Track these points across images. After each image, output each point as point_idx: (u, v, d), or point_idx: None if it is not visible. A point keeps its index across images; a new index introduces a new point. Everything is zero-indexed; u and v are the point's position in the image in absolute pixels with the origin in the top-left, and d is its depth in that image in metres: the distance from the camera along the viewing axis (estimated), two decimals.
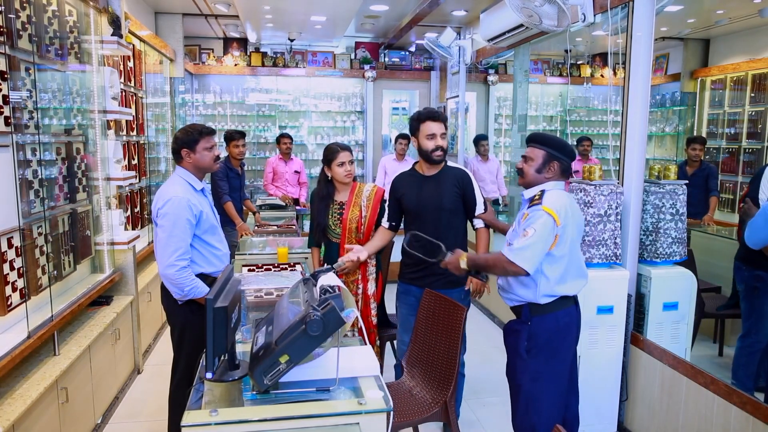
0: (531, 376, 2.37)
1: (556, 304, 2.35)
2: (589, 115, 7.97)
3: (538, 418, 2.38)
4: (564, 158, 2.38)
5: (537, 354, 2.35)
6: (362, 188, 3.19)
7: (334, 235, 3.15)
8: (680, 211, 3.02)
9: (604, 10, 3.27)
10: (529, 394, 2.39)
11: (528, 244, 2.24)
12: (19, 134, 2.57)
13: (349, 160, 3.11)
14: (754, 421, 2.29)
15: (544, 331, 2.35)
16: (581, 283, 2.41)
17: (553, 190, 2.35)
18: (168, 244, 2.49)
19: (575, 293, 2.40)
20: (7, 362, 2.29)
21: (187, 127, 2.67)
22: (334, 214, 3.15)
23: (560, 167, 2.38)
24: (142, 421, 3.30)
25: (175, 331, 2.69)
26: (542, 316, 2.35)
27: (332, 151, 3.11)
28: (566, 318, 2.37)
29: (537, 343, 2.35)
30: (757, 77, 5.85)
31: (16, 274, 2.56)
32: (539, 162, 2.38)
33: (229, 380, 1.96)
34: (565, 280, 2.34)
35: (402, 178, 3.02)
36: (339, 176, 3.11)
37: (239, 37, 7.63)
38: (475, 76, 7.47)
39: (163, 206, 2.51)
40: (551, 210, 2.24)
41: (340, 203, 3.17)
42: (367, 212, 3.12)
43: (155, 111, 5.52)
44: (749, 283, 3.13)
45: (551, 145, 2.38)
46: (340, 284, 2.00)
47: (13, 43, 2.52)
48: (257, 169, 7.61)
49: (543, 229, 2.23)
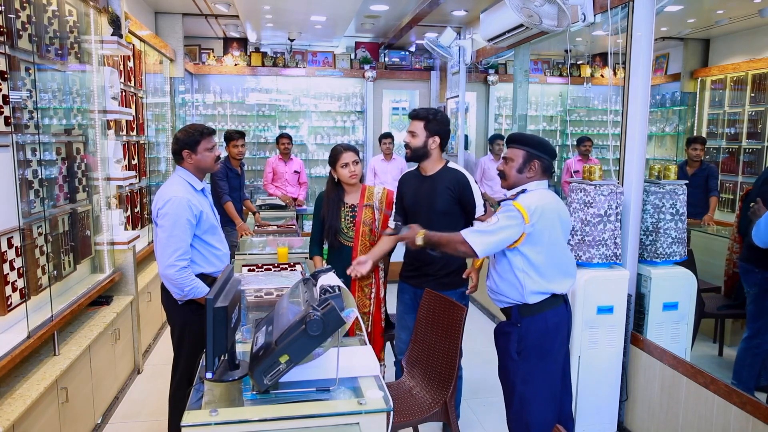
0: (523, 377, 2.37)
1: (544, 305, 2.34)
2: (589, 115, 7.97)
3: (532, 418, 2.38)
4: (544, 156, 2.36)
5: (528, 355, 2.36)
6: (372, 190, 3.14)
7: (347, 238, 3.08)
8: (680, 211, 3.02)
9: (604, 10, 3.27)
10: (522, 396, 2.39)
11: (487, 230, 2.26)
12: (19, 134, 2.57)
13: (353, 161, 3.05)
14: (754, 421, 2.29)
15: (534, 332, 2.34)
16: (568, 282, 2.40)
17: (536, 190, 2.34)
18: (168, 244, 2.49)
19: (563, 292, 2.40)
20: (7, 362, 2.29)
21: (187, 128, 2.66)
22: (346, 217, 3.08)
23: (541, 166, 2.37)
24: (142, 421, 3.30)
25: (175, 330, 2.69)
26: (531, 317, 2.34)
27: (336, 152, 3.07)
28: (555, 318, 2.36)
29: (527, 344, 2.35)
30: (757, 77, 5.85)
31: (16, 274, 2.56)
32: (519, 162, 2.38)
33: (229, 380, 1.96)
34: (550, 277, 2.33)
35: (406, 177, 3.02)
36: (344, 177, 3.07)
37: (239, 37, 7.63)
38: (475, 76, 7.47)
39: (164, 206, 2.51)
40: (522, 207, 2.25)
41: (352, 206, 3.10)
42: (380, 214, 3.08)
43: (155, 111, 5.52)
44: (763, 286, 3.09)
45: (530, 144, 2.37)
46: (340, 284, 2.00)
47: (13, 43, 2.52)
48: (257, 169, 7.61)
49: (507, 222, 2.25)
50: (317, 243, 3.18)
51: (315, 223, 3.18)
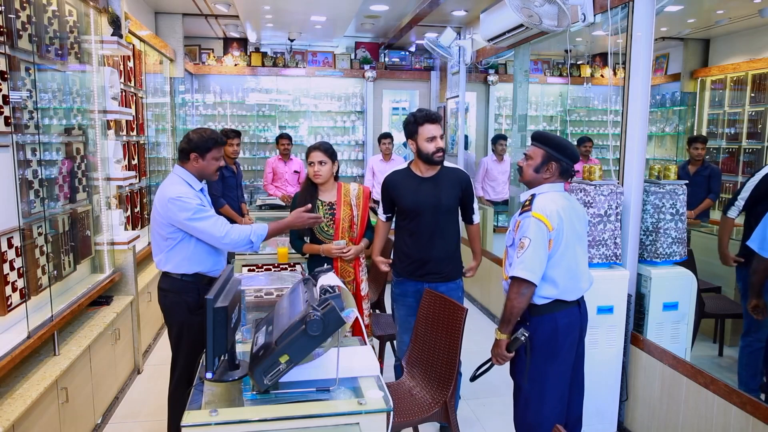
0: (531, 376, 2.37)
1: (554, 306, 2.34)
2: (589, 115, 7.97)
3: (537, 418, 2.38)
4: (564, 159, 2.34)
5: (536, 354, 2.35)
6: (348, 188, 3.17)
7: (326, 236, 3.10)
8: (680, 211, 3.02)
9: (604, 10, 3.27)
10: (529, 394, 2.39)
11: (527, 255, 2.23)
12: (19, 134, 2.57)
13: (319, 161, 3.04)
14: (754, 421, 2.29)
15: (544, 332, 2.34)
16: (578, 289, 2.37)
17: (547, 193, 2.33)
18: (205, 228, 2.52)
19: (571, 299, 2.36)
20: (7, 362, 2.29)
21: (202, 131, 2.64)
22: (325, 215, 3.10)
23: (559, 168, 2.35)
24: (142, 421, 3.30)
25: (173, 330, 2.69)
26: (541, 317, 2.34)
27: (308, 150, 3.11)
28: (565, 319, 2.35)
29: (536, 343, 2.34)
30: (757, 77, 5.85)
31: (16, 274, 2.56)
32: (538, 161, 2.36)
33: (229, 380, 1.97)
34: (558, 284, 2.30)
35: (396, 177, 2.96)
36: (309, 174, 3.11)
37: (239, 37, 7.63)
38: (475, 76, 7.47)
39: (175, 205, 2.50)
40: (541, 216, 2.23)
41: (330, 203, 3.12)
42: (359, 210, 3.13)
43: (155, 111, 5.52)
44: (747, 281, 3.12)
45: (551, 145, 2.35)
46: (340, 284, 2.00)
47: (13, 43, 2.52)
48: (257, 169, 7.61)
49: (537, 236, 2.23)
50: (298, 237, 3.20)
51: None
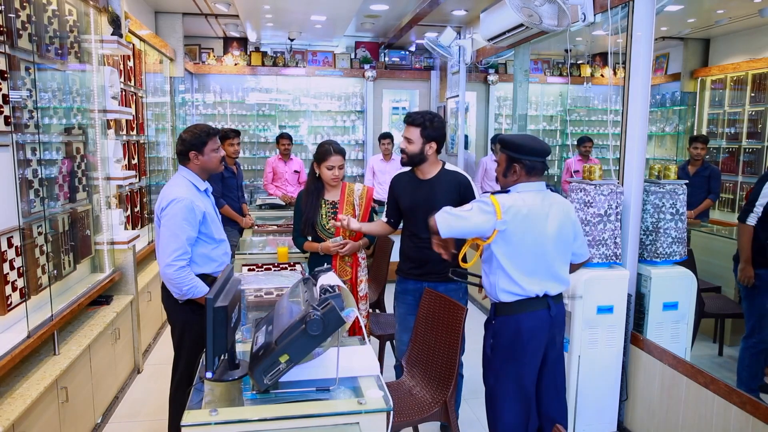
0: (493, 374, 2.38)
1: (520, 306, 2.30)
2: (589, 115, 7.97)
3: (496, 416, 2.38)
4: (526, 158, 2.29)
5: (498, 354, 2.36)
6: (352, 188, 3.17)
7: (328, 234, 3.11)
8: (680, 211, 3.02)
9: (604, 9, 3.27)
10: (491, 392, 2.41)
11: (457, 213, 2.27)
12: (19, 134, 2.57)
13: (339, 165, 3.05)
14: (754, 421, 2.29)
15: (505, 333, 2.33)
16: (540, 286, 2.30)
17: (521, 192, 2.30)
18: (168, 243, 2.49)
19: (536, 294, 2.29)
20: (7, 362, 2.29)
21: (192, 129, 2.64)
22: (327, 213, 3.11)
23: (523, 168, 2.31)
24: (142, 421, 3.30)
25: (176, 330, 2.69)
26: (505, 317, 2.33)
27: (325, 152, 3.05)
28: (530, 322, 2.30)
29: (499, 343, 2.35)
30: (757, 77, 5.85)
31: (16, 274, 2.56)
32: (503, 166, 2.36)
33: (229, 380, 1.97)
34: (519, 279, 2.27)
35: (399, 179, 3.00)
36: (326, 178, 3.08)
37: (239, 37, 7.63)
38: (475, 76, 7.47)
39: (168, 206, 2.51)
40: (497, 201, 2.24)
41: (333, 203, 3.13)
42: (360, 210, 3.13)
43: (155, 110, 5.52)
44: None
45: (511, 147, 2.32)
46: (341, 284, 2.00)
47: (13, 42, 2.52)
48: (257, 169, 7.61)
49: (478, 211, 2.25)
50: (300, 234, 3.19)
51: (296, 216, 3.21)
